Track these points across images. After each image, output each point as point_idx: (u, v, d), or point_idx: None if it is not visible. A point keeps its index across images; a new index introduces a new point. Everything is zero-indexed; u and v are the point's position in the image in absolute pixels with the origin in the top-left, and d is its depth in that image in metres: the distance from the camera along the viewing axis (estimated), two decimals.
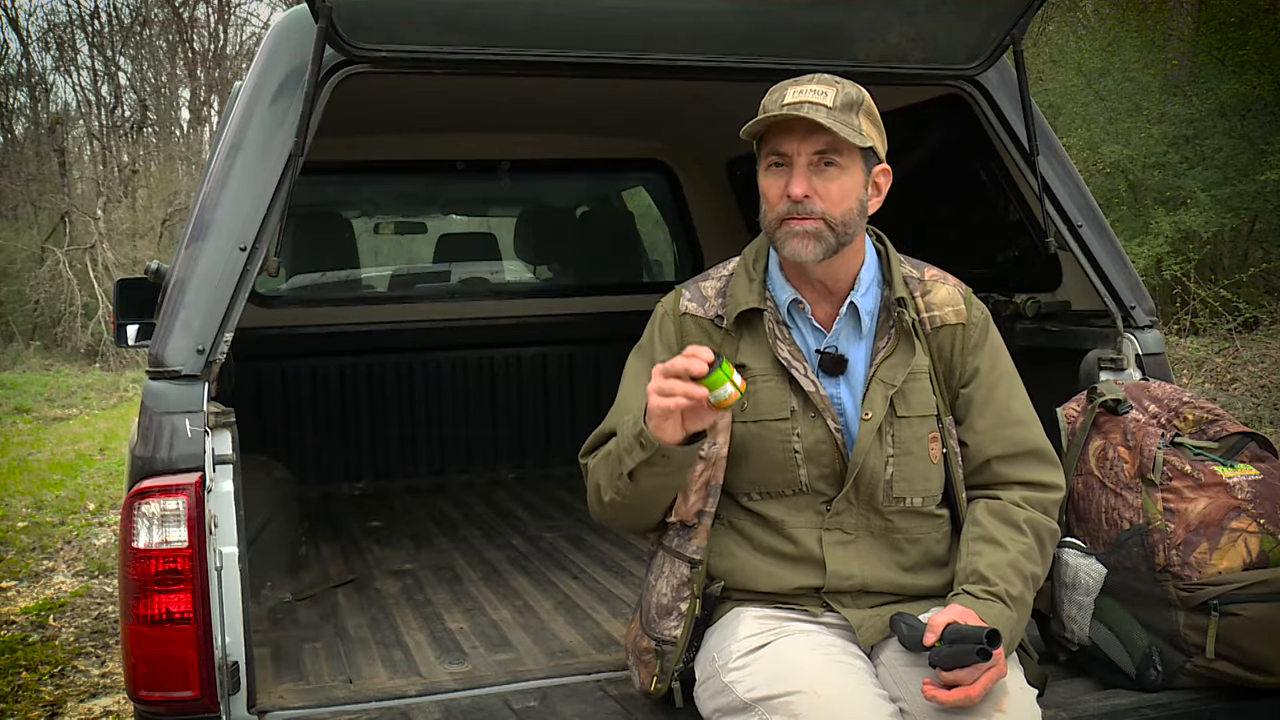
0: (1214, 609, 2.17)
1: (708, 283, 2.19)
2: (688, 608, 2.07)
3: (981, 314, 2.17)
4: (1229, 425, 2.41)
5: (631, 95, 3.75)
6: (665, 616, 2.10)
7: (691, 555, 2.07)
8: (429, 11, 2.40)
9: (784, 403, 2.05)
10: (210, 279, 2.23)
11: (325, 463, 4.77)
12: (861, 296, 2.09)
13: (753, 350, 2.09)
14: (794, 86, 1.98)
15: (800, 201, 1.96)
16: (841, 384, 2.08)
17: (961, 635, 1.81)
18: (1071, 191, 2.84)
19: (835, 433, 2.04)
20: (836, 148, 1.96)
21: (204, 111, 24.69)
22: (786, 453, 2.05)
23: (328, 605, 3.17)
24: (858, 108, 1.98)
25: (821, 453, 2.04)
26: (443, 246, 5.34)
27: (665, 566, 2.12)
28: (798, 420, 2.05)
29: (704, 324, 2.13)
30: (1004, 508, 2.07)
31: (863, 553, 2.06)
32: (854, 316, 2.09)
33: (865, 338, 2.09)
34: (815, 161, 1.96)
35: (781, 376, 2.06)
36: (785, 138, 1.97)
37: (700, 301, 2.15)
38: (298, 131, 2.32)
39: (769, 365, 2.07)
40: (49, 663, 4.69)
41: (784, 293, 2.10)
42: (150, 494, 2.06)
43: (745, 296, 2.09)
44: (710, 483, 2.07)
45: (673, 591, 2.09)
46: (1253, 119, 10.89)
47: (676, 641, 2.08)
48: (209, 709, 2.09)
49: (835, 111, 1.94)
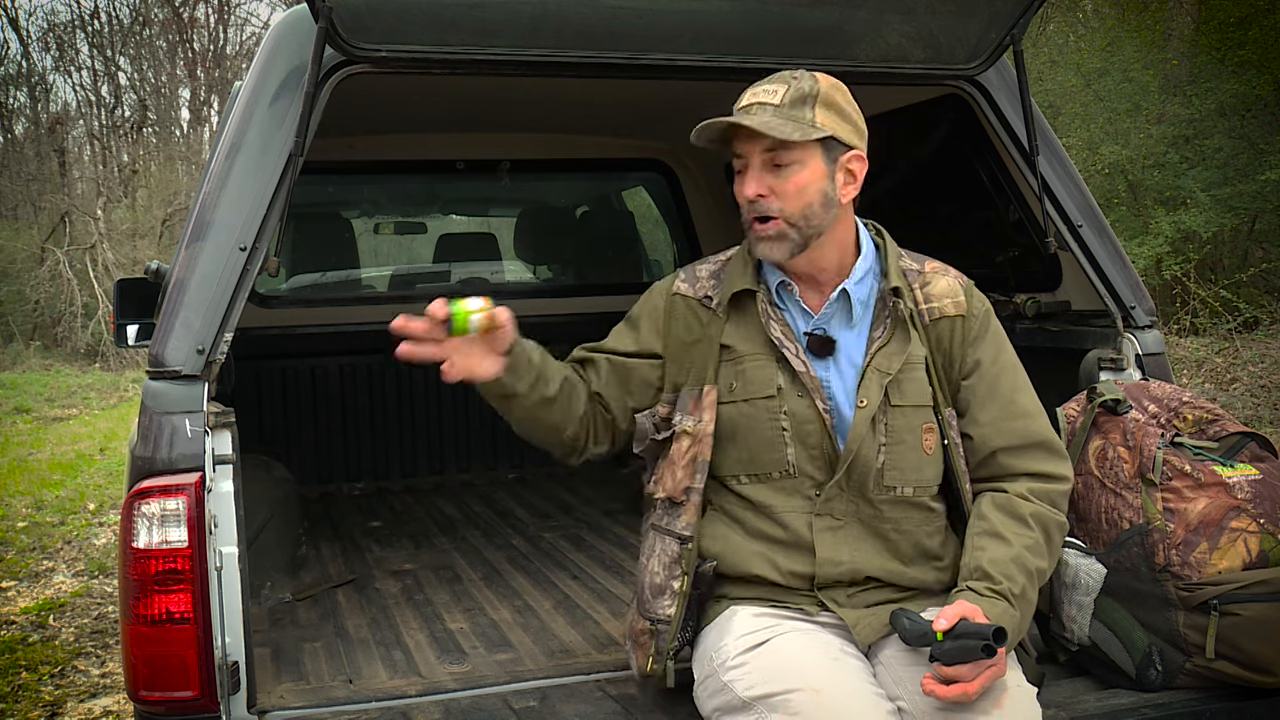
0: (1214, 609, 2.17)
1: (703, 266, 2.24)
2: (680, 585, 2.09)
3: (983, 306, 2.18)
4: (1229, 425, 2.41)
5: (631, 95, 3.75)
6: (659, 595, 2.12)
7: (681, 532, 2.11)
8: (429, 11, 2.41)
9: (770, 380, 2.08)
10: (210, 279, 2.23)
11: (325, 463, 4.77)
12: (855, 285, 2.11)
13: (744, 331, 2.13)
14: (752, 89, 2.05)
15: (755, 201, 2.02)
16: (831, 367, 2.09)
17: (968, 631, 1.82)
18: (1071, 191, 2.84)
19: (824, 414, 2.05)
20: (785, 144, 1.99)
21: (204, 111, 24.70)
22: (774, 430, 2.06)
23: (328, 605, 3.17)
24: (812, 100, 2.00)
25: (809, 433, 2.06)
26: (443, 246, 5.35)
27: (656, 545, 2.15)
28: (785, 398, 2.07)
29: (692, 304, 2.18)
30: (1009, 501, 2.07)
31: (852, 539, 2.07)
32: (845, 303, 2.11)
33: (858, 325, 2.11)
34: (767, 160, 2.01)
35: (770, 355, 2.09)
36: (739, 140, 2.03)
37: (692, 282, 2.21)
38: (297, 131, 2.32)
39: (760, 345, 2.10)
40: (49, 663, 4.69)
41: (773, 277, 2.14)
42: (150, 494, 2.06)
43: (739, 279, 2.14)
44: (697, 459, 2.09)
45: (664, 570, 2.12)
46: (1253, 119, 10.88)
47: (671, 620, 2.10)
48: (209, 709, 2.09)
49: (783, 109, 1.98)
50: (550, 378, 2.12)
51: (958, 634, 1.82)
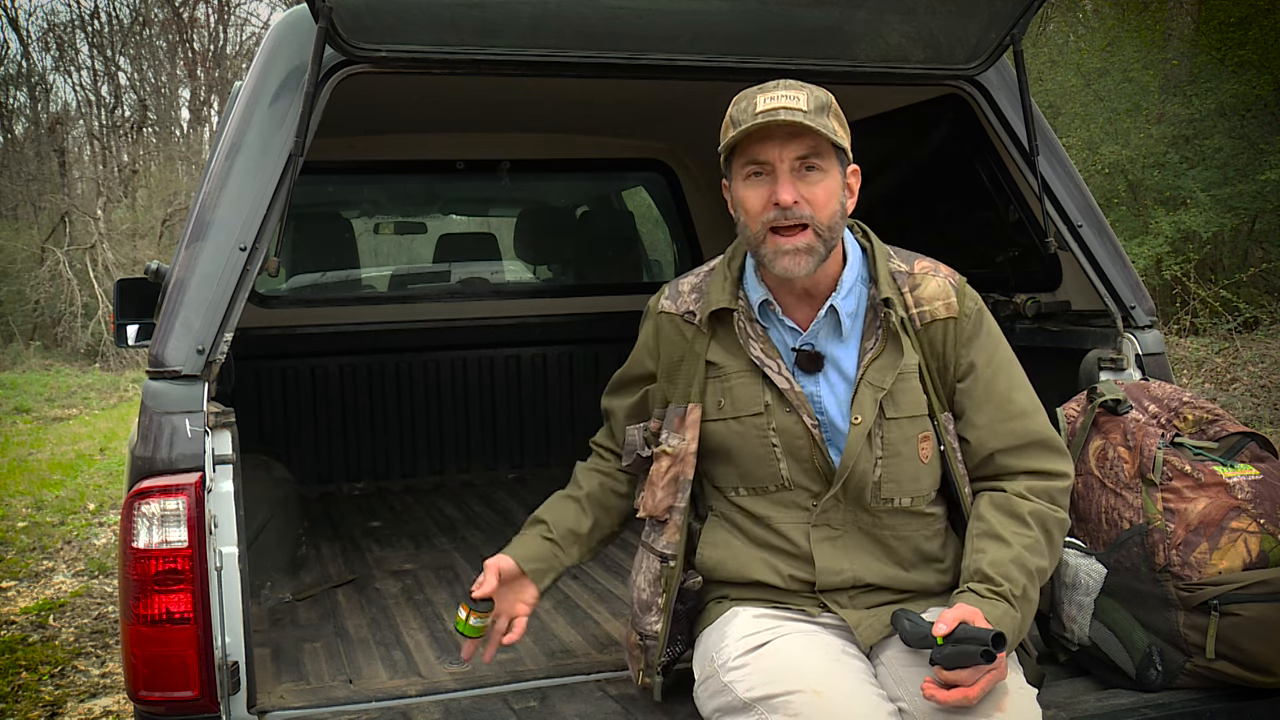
0: (1214, 609, 2.17)
1: (686, 280, 2.22)
2: (663, 603, 2.11)
3: (975, 305, 2.14)
4: (1229, 425, 2.41)
5: (631, 95, 3.75)
6: (646, 612, 2.15)
7: (662, 550, 2.12)
8: (429, 11, 2.40)
9: (757, 398, 2.07)
10: (210, 279, 2.23)
11: (325, 463, 4.77)
12: (842, 299, 2.07)
13: (727, 348, 2.11)
14: (762, 94, 1.98)
15: (789, 208, 1.95)
16: (821, 382, 2.07)
17: (967, 636, 1.81)
18: (1071, 191, 2.84)
19: (812, 429, 2.04)
20: (818, 151, 1.96)
21: (204, 111, 24.70)
22: (765, 447, 2.06)
23: (328, 605, 3.17)
24: (828, 109, 1.99)
25: (799, 448, 2.05)
26: (442, 246, 5.35)
27: (643, 562, 2.18)
28: (772, 415, 2.06)
29: (676, 321, 2.17)
30: (1008, 500, 2.06)
31: (850, 548, 2.06)
32: (834, 317, 2.08)
33: (847, 339, 2.08)
34: (797, 167, 1.96)
35: (754, 374, 2.08)
36: (764, 145, 1.96)
37: (675, 298, 2.19)
38: (298, 131, 2.32)
39: (743, 363, 2.09)
40: (49, 663, 4.69)
41: (755, 293, 2.10)
42: (150, 494, 2.06)
43: (718, 295, 2.11)
44: (679, 478, 2.09)
45: (650, 586, 2.14)
46: (1253, 119, 10.88)
47: (658, 635, 2.13)
48: (209, 709, 2.09)
49: (811, 114, 1.94)
50: (582, 533, 2.27)
51: (957, 638, 1.81)
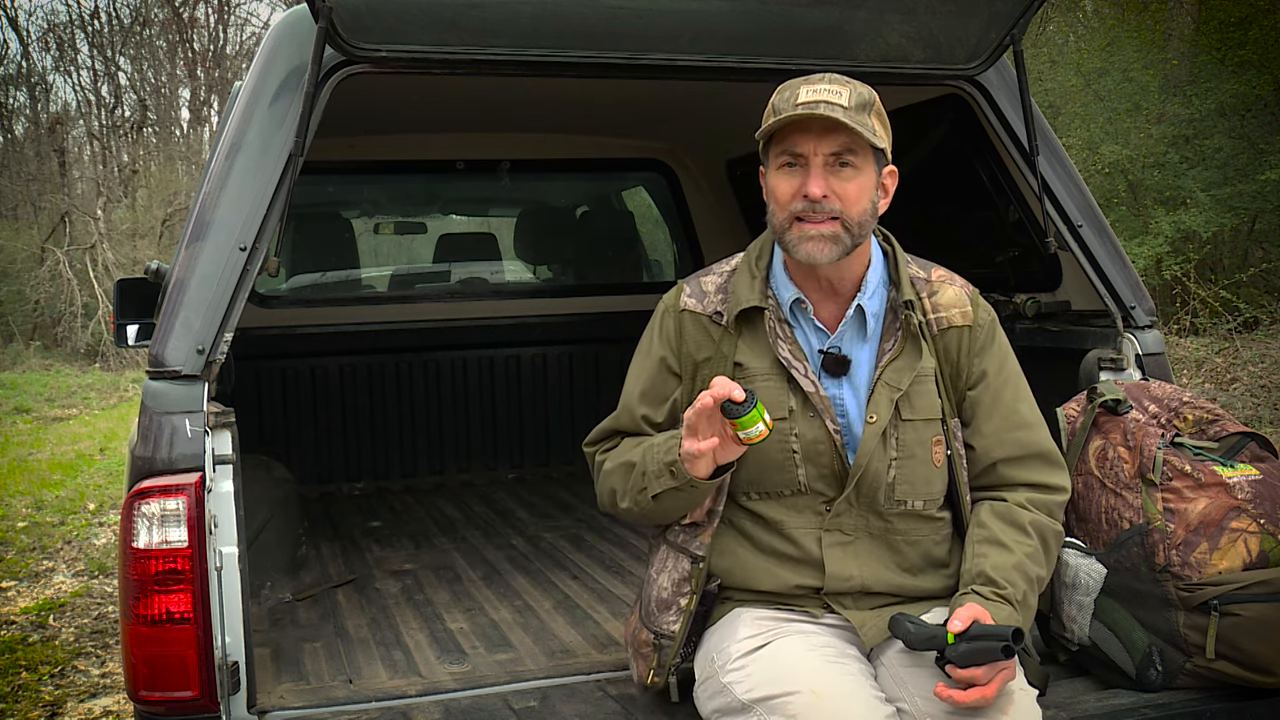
0: (1214, 609, 2.17)
1: (709, 278, 2.17)
2: (687, 603, 2.08)
3: (988, 316, 2.16)
4: (1229, 425, 2.41)
5: (631, 95, 3.75)
6: (665, 610, 2.11)
7: (695, 551, 2.08)
8: (429, 11, 2.40)
9: (782, 402, 2.04)
10: (210, 279, 2.23)
11: (325, 463, 4.77)
12: (867, 299, 2.07)
13: (753, 349, 2.08)
14: (806, 86, 1.96)
15: (818, 201, 1.94)
16: (844, 385, 2.07)
17: (984, 633, 1.81)
18: (1071, 191, 2.84)
19: (834, 434, 2.03)
20: (853, 148, 1.95)
21: (204, 111, 24.69)
22: (784, 453, 2.04)
23: (328, 605, 3.17)
24: (869, 108, 1.97)
25: (820, 453, 2.04)
26: (443, 246, 5.35)
27: (668, 561, 2.12)
28: (796, 420, 2.04)
29: (702, 320, 2.12)
30: (1009, 510, 2.07)
31: (861, 554, 2.06)
32: (859, 319, 2.08)
33: (870, 340, 2.08)
34: (831, 161, 1.95)
35: (780, 376, 2.06)
36: (800, 137, 1.95)
37: (700, 297, 2.14)
38: (298, 131, 2.32)
39: (769, 364, 2.06)
40: (49, 663, 4.69)
41: (787, 291, 2.09)
42: (150, 494, 2.06)
43: (747, 294, 2.08)
44: (722, 484, 2.06)
45: (674, 586, 2.10)
46: (1253, 119, 10.88)
47: (675, 636, 2.09)
48: (209, 709, 2.09)
49: (851, 111, 1.93)
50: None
51: (972, 636, 1.81)
